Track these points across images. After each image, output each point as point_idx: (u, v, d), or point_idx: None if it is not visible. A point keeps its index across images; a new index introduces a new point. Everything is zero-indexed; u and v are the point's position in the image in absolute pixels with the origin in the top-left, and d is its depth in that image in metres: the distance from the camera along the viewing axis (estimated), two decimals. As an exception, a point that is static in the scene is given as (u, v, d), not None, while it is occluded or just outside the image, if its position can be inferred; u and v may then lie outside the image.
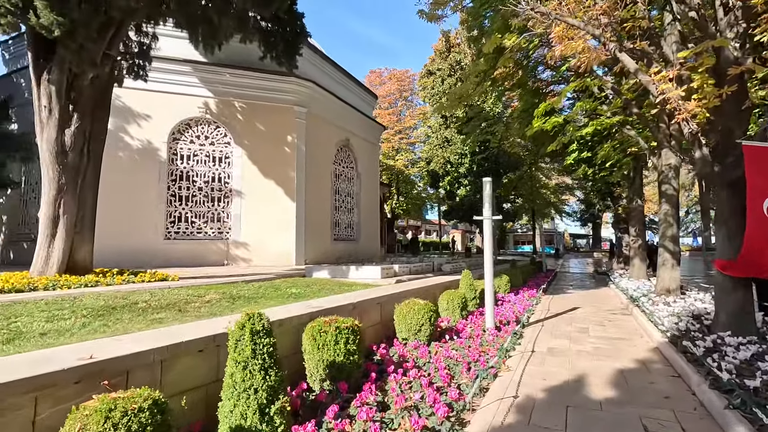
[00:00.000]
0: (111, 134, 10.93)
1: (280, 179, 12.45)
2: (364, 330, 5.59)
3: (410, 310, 5.73)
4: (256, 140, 12.31)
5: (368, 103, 17.81)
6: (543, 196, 33.28)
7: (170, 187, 11.52)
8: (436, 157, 21.45)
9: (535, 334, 7.01)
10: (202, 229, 11.77)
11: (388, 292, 6.50)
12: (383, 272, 8.47)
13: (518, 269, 13.20)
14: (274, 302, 5.42)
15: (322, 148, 13.84)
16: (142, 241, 10.89)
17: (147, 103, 11.27)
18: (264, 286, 6.81)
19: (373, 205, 17.42)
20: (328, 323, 4.03)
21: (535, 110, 11.19)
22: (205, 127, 12.00)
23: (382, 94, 30.15)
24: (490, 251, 6.92)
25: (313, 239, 13.01)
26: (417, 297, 6.97)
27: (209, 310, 4.66)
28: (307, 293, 6.39)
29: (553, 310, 9.50)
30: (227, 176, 12.09)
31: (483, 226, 6.98)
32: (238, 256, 11.86)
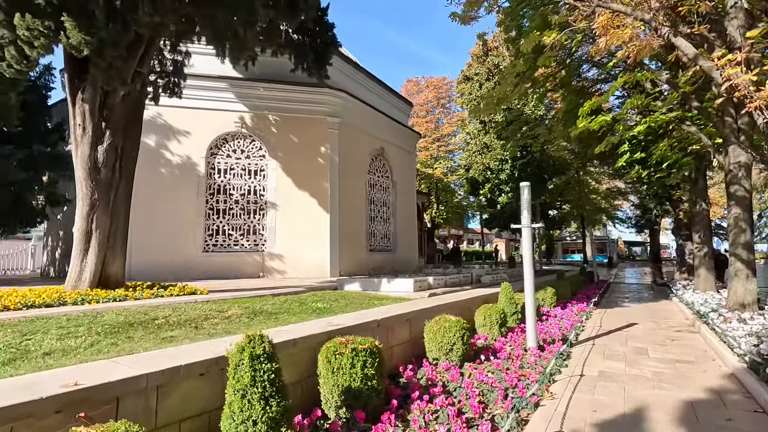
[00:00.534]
0: (152, 151, 11.39)
1: (314, 190, 12.39)
2: (390, 349, 5.21)
3: (440, 327, 5.28)
4: (290, 152, 12.35)
5: (403, 111, 17.56)
6: (593, 201, 31.42)
7: (208, 201, 11.76)
8: (476, 164, 20.76)
9: (585, 354, 6.29)
10: (238, 242, 11.90)
11: (417, 307, 6.08)
12: (416, 285, 8.04)
13: (566, 280, 12.27)
14: (296, 318, 5.17)
15: (355, 158, 13.70)
16: (181, 255, 11.14)
17: (186, 119, 11.63)
18: (290, 300, 6.60)
19: (410, 215, 17.03)
20: (344, 344, 3.69)
21: (580, 109, 10.42)
22: (240, 141, 12.21)
23: (419, 102, 29.87)
24: (530, 261, 6.33)
25: (347, 250, 12.80)
26: (451, 312, 6.51)
27: (226, 327, 4.47)
28: (332, 308, 6.10)
29: (606, 326, 8.62)
30: (262, 189, 12.19)
31: (522, 234, 6.42)
32: (273, 268, 11.86)
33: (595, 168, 30.28)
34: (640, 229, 56.04)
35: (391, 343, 5.21)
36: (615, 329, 8.30)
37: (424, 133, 28.67)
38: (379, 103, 15.29)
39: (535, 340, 6.13)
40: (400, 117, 16.97)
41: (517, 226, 6.56)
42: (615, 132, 11.27)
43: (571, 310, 9.85)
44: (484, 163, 20.30)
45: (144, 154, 11.22)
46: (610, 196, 35.29)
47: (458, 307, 7.10)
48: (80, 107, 6.07)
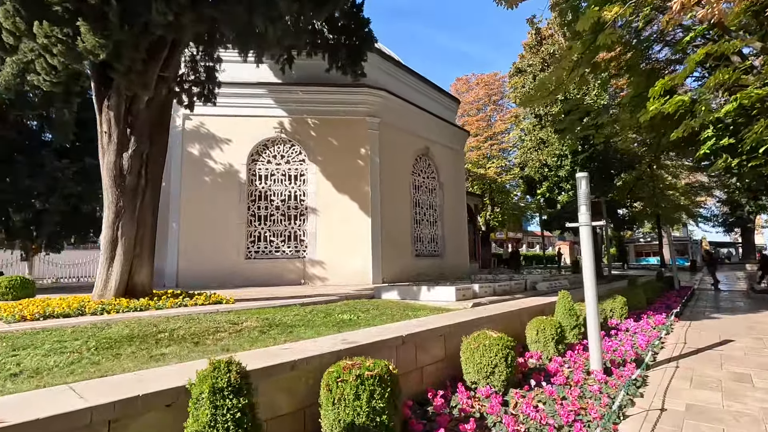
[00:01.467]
0: (196, 160, 11.59)
1: (355, 194, 11.95)
2: (420, 370, 4.49)
3: (479, 345, 4.47)
4: (329, 155, 12.04)
5: (449, 108, 16.70)
6: (669, 198, 28.22)
7: (250, 208, 11.74)
8: (531, 161, 19.28)
9: (665, 380, 5.13)
10: (279, 248, 11.74)
11: (456, 319, 5.30)
12: (459, 293, 7.22)
13: (639, 287, 10.70)
14: (312, 332, 4.62)
15: (398, 159, 13.10)
16: (224, 261, 11.17)
17: (227, 127, 11.72)
18: (317, 310, 6.10)
19: (459, 217, 16.08)
20: (348, 369, 3.05)
21: (651, 90, 9.02)
22: (280, 147, 12.09)
23: (469, 100, 28.66)
24: (592, 266, 5.30)
25: (391, 256, 12.19)
26: (496, 325, 5.66)
27: (229, 342, 4.02)
28: (359, 320, 5.50)
29: (692, 343, 7.20)
30: (302, 194, 11.96)
31: (580, 234, 5.42)
32: (314, 275, 11.55)
33: (672, 161, 27.19)
34: (728, 228, 49.82)
35: (421, 362, 4.50)
36: (704, 347, 6.89)
37: (475, 132, 27.41)
38: (423, 101, 14.59)
39: (600, 361, 5.09)
40: (446, 115, 16.14)
41: (574, 225, 5.56)
42: (695, 113, 9.64)
43: (647, 322, 8.45)
44: (540, 159, 18.75)
45: (189, 163, 11.49)
46: (691, 192, 31.55)
47: (505, 319, 6.19)
48: (106, 114, 6.04)
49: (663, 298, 12.48)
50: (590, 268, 5.29)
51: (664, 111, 9.30)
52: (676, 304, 11.21)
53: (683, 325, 8.99)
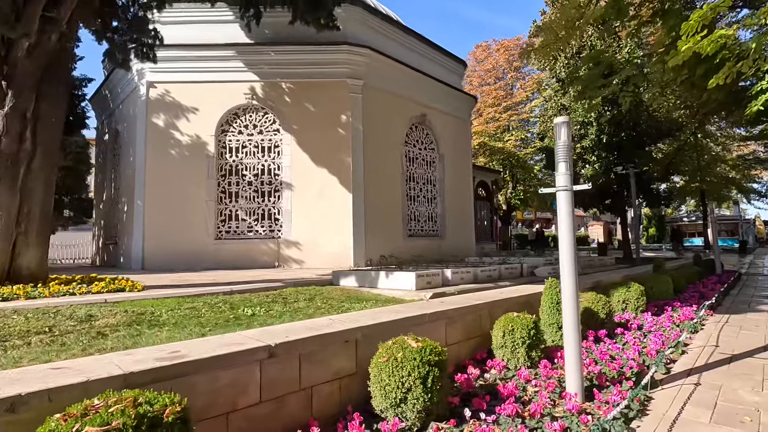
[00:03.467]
0: (162, 132, 10.59)
1: (335, 167, 10.65)
2: (309, 392, 3.23)
3: (390, 358, 3.14)
4: (306, 124, 10.74)
5: (453, 71, 14.90)
6: (716, 172, 25.16)
7: (220, 183, 10.70)
8: (551, 131, 17.22)
9: (675, 407, 3.63)
10: (252, 228, 10.69)
11: (382, 318, 3.96)
12: (420, 281, 5.86)
13: (666, 273, 8.90)
14: (167, 335, 3.44)
15: (387, 127, 11.63)
16: (192, 243, 10.24)
17: (194, 95, 10.63)
18: (229, 302, 4.92)
19: (464, 193, 14.48)
20: (72, 418, 1.82)
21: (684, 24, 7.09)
22: (252, 115, 10.90)
23: (488, 68, 26.35)
24: (570, 245, 3.78)
25: (378, 236, 10.89)
26: (452, 323, 4.38)
27: (18, 353, 2.88)
28: (267, 317, 4.27)
29: (726, 346, 5.55)
30: (277, 167, 10.78)
31: (557, 202, 3.90)
32: (290, 258, 10.45)
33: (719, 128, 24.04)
34: (787, 206, 44.91)
35: (312, 380, 3.23)
36: (741, 354, 5.23)
37: (494, 102, 25.22)
38: (419, 62, 12.93)
39: (579, 381, 3.63)
40: (450, 78, 14.39)
41: (548, 190, 4.05)
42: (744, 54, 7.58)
43: (670, 317, 6.79)
44: (561, 128, 16.71)
45: (153, 135, 10.50)
46: (744, 165, 28.06)
47: (468, 315, 4.80)
48: (-26, 65, 4.97)
49: (699, 286, 10.56)
50: (568, 248, 3.78)
51: (701, 51, 7.34)
52: (712, 292, 9.34)
53: (719, 320, 7.23)
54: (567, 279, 3.77)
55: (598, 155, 16.14)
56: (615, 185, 16.10)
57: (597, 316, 5.66)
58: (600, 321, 5.68)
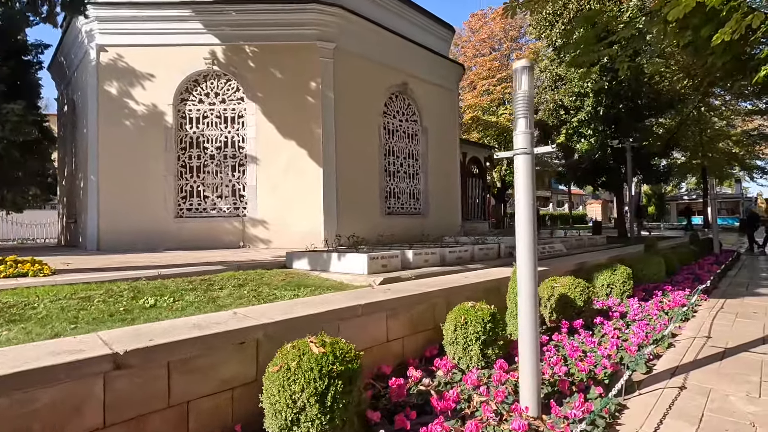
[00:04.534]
0: (115, 101, 9.71)
1: (304, 138, 9.81)
2: (185, 408, 2.55)
3: (281, 368, 2.43)
4: (272, 91, 9.85)
5: (440, 37, 13.83)
6: (719, 148, 24.19)
7: (180, 157, 9.89)
8: (545, 103, 16.24)
9: (655, 418, 2.97)
10: (216, 205, 9.94)
11: (295, 313, 3.24)
12: (374, 264, 5.14)
13: (658, 254, 8.19)
14: (24, 338, 2.74)
15: (363, 96, 10.73)
16: (151, 221, 9.51)
17: (150, 60, 9.70)
18: (145, 289, 4.22)
19: (450, 169, 13.67)
20: None
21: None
22: (214, 82, 9.99)
23: (483, 37, 25.00)
24: (529, 222, 3.02)
25: (352, 214, 10.15)
26: (395, 316, 3.68)
27: None
28: (167, 309, 3.57)
29: (719, 337, 4.87)
30: (241, 139, 9.95)
31: (515, 167, 3.11)
32: (256, 237, 9.74)
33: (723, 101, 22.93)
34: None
35: (186, 395, 2.54)
36: (736, 347, 4.56)
37: (488, 74, 24.01)
38: (401, 26, 11.90)
39: (535, 392, 2.93)
40: (436, 45, 13.35)
41: (505, 154, 3.28)
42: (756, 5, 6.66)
43: (659, 303, 6.11)
44: (555, 100, 15.68)
45: (106, 104, 9.62)
46: (749, 141, 27.00)
47: (420, 305, 4.10)
48: None
49: (695, 266, 9.88)
50: (526, 226, 3.03)
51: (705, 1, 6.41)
52: (708, 274, 8.65)
53: (713, 305, 6.55)
54: (524, 264, 3.04)
55: (594, 129, 15.21)
56: (611, 160, 15.24)
57: (573, 304, 4.96)
58: (577, 309, 4.99)
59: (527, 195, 3.02)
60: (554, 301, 5.04)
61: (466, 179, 19.69)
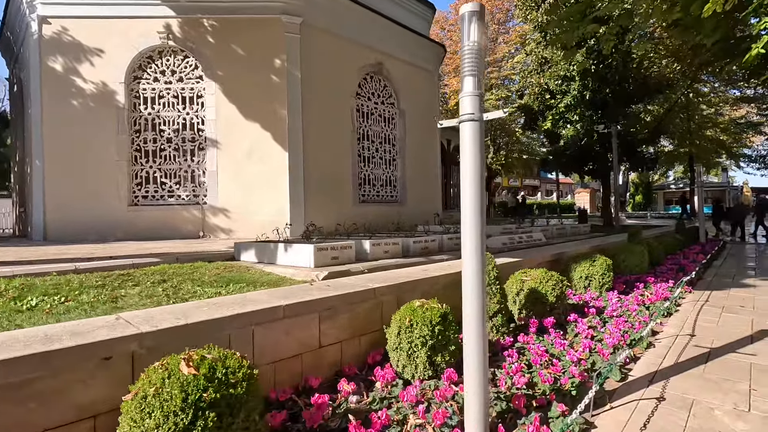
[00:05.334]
0: (61, 78, 8.89)
1: (268, 120, 9.12)
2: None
3: (137, 396, 1.85)
4: (233, 69, 9.11)
5: (420, 15, 13.12)
6: (706, 136, 23.91)
7: (134, 141, 9.14)
8: (530, 87, 15.63)
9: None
10: (174, 192, 9.24)
11: (192, 318, 2.64)
12: (321, 256, 4.56)
13: (641, 243, 7.72)
14: None
15: (333, 75, 10.03)
16: (102, 209, 8.80)
17: (98, 34, 8.89)
18: (43, 286, 3.59)
19: (429, 155, 13.08)
20: None
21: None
22: (170, 59, 9.21)
23: (469, 20, 24.17)
24: (476, 203, 2.43)
25: (322, 201, 9.54)
26: (333, 317, 3.11)
27: None
28: (44, 313, 2.95)
29: (704, 335, 4.40)
30: (200, 121, 9.22)
31: (461, 137, 2.52)
32: (217, 226, 9.09)
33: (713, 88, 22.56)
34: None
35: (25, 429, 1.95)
36: (722, 346, 4.08)
37: (473, 58, 23.25)
38: (376, 1, 11.16)
39: (481, 414, 2.38)
40: (415, 23, 12.65)
41: (450, 122, 2.68)
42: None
43: (640, 296, 5.64)
44: (540, 83, 15.08)
45: (50, 82, 8.79)
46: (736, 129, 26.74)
47: (364, 303, 3.54)
48: None
49: (678, 256, 9.46)
50: (473, 208, 2.45)
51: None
52: (693, 264, 8.23)
53: (698, 298, 6.10)
54: (470, 255, 2.47)
55: (580, 114, 14.68)
56: (597, 147, 14.75)
57: (544, 299, 4.44)
58: (549, 306, 4.47)
59: (475, 170, 2.45)
60: (523, 297, 4.52)
61: (450, 167, 19.10)
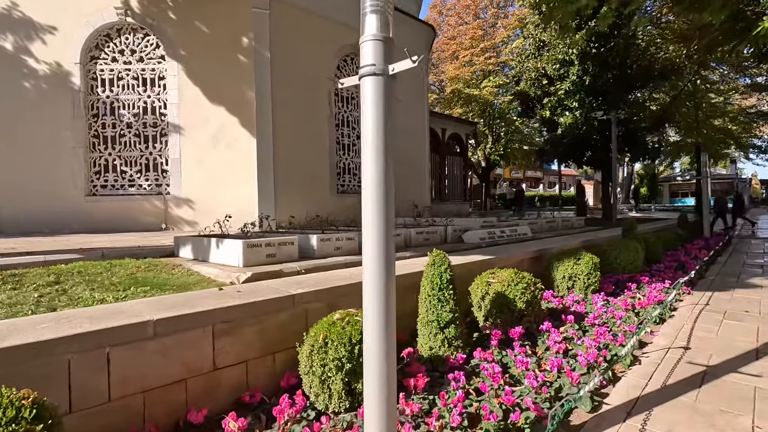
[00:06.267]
0: (11, 58, 8.27)
1: (235, 104, 8.46)
2: None
3: None
4: (197, 49, 8.44)
5: (407, -6, 12.33)
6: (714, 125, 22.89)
7: (91, 126, 8.52)
8: (527, 72, 14.76)
9: None
10: (134, 181, 8.62)
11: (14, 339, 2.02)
12: (252, 254, 3.93)
13: (637, 238, 7.01)
14: None
15: (308, 57, 9.32)
16: (58, 200, 8.21)
17: (48, 9, 8.23)
18: None
19: (417, 144, 12.37)
20: None
21: None
22: (129, 37, 8.54)
23: (467, 3, 23.20)
24: (380, 188, 1.78)
25: (296, 192, 8.90)
26: (234, 330, 2.46)
27: None
28: None
29: (701, 347, 3.72)
30: (162, 105, 8.57)
31: (361, 96, 1.85)
32: (180, 218, 8.48)
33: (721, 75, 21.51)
34: (787, 164, 42.65)
35: None
36: (721, 364, 3.41)
37: (470, 44, 22.34)
38: (357, -23, 10.37)
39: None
40: (402, 2, 11.87)
41: (350, 81, 2.00)
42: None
43: (628, 300, 4.96)
44: (537, 68, 14.23)
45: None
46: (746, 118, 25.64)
47: (280, 314, 2.90)
48: None
49: (679, 252, 8.74)
50: (376, 194, 1.79)
51: None
52: (695, 261, 7.52)
53: (697, 300, 5.41)
54: (371, 255, 1.81)
55: (579, 100, 13.86)
56: (596, 134, 13.94)
57: (512, 305, 3.78)
58: (518, 313, 3.82)
59: (378, 141, 1.78)
60: (489, 302, 3.87)
61: (445, 157, 18.38)
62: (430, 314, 3.32)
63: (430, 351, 3.29)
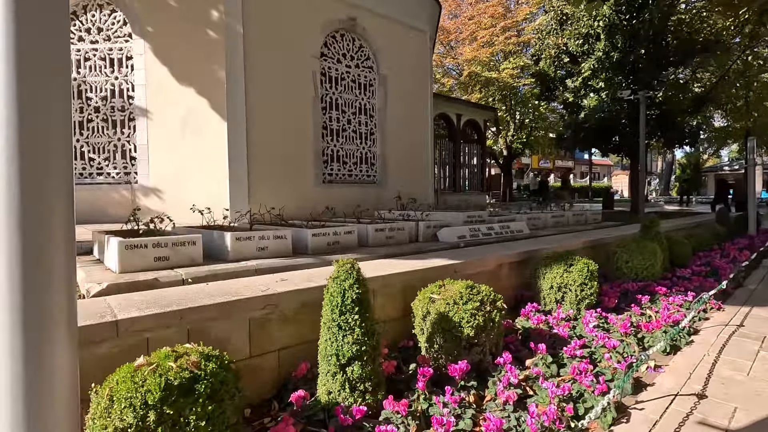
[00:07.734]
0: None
1: (205, 85, 7.73)
2: None
3: None
4: (164, 25, 7.74)
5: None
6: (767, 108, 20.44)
7: (59, 111, 8.03)
8: (547, 50, 13.28)
9: None
10: (102, 169, 8.10)
11: None
12: (134, 256, 3.15)
13: (655, 238, 5.77)
14: None
15: (288, 32, 8.46)
16: (25, 188, 7.79)
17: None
18: None
19: (419, 129, 11.33)
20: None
21: None
22: (95, 14, 7.95)
23: (487, -23, 21.49)
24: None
25: (272, 182, 8.15)
26: None
27: None
28: None
29: (720, 396, 2.63)
30: (130, 87, 7.97)
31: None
32: (148, 209, 7.87)
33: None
34: None
35: None
36: (753, 425, 2.35)
37: (490, 22, 20.73)
38: (348, -57, 9.38)
39: None
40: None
41: None
42: None
43: (631, 317, 3.88)
44: (558, 45, 12.74)
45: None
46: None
47: (103, 347, 2.10)
48: None
49: (713, 254, 7.39)
50: None
51: None
52: (732, 266, 6.23)
53: (728, 319, 4.24)
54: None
55: (606, 80, 12.35)
56: (624, 118, 12.41)
57: (458, 331, 2.84)
58: (466, 341, 2.87)
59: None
60: (430, 325, 2.95)
61: (460, 145, 17.19)
62: (329, 346, 2.44)
63: (328, 396, 2.42)
